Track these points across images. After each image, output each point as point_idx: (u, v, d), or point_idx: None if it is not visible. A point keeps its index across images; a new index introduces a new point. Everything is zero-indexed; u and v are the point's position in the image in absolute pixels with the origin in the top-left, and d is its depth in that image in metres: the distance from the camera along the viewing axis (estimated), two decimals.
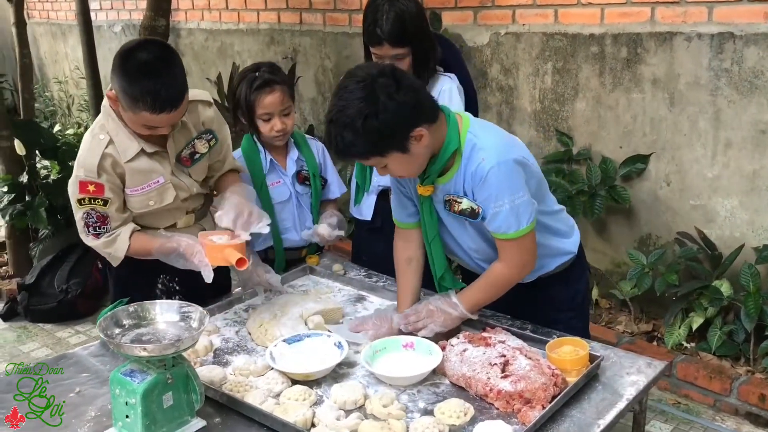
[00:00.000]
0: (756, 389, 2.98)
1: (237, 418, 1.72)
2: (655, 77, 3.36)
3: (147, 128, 2.04)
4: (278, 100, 2.43)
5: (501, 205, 1.87)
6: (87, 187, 2.05)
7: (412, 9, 2.30)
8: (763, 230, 3.20)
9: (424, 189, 1.99)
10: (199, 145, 2.23)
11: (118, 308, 1.70)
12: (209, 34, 5.80)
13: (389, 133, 1.80)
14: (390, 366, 1.88)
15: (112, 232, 2.12)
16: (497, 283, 2.00)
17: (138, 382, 1.57)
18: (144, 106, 1.94)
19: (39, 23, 8.01)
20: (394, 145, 1.83)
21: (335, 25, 4.78)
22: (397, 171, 1.92)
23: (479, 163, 1.87)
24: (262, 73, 2.44)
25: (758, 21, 3.02)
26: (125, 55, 1.97)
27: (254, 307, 2.27)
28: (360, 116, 1.77)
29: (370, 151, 1.85)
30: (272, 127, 2.45)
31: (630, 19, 3.39)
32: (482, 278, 2.02)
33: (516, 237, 1.91)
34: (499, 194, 1.87)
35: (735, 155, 3.21)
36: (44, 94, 8.06)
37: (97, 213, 2.08)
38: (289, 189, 2.55)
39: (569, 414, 1.69)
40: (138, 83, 1.93)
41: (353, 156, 1.90)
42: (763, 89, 3.07)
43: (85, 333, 4.01)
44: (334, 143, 1.83)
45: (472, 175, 1.89)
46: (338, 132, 1.80)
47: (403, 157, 1.86)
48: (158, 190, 2.15)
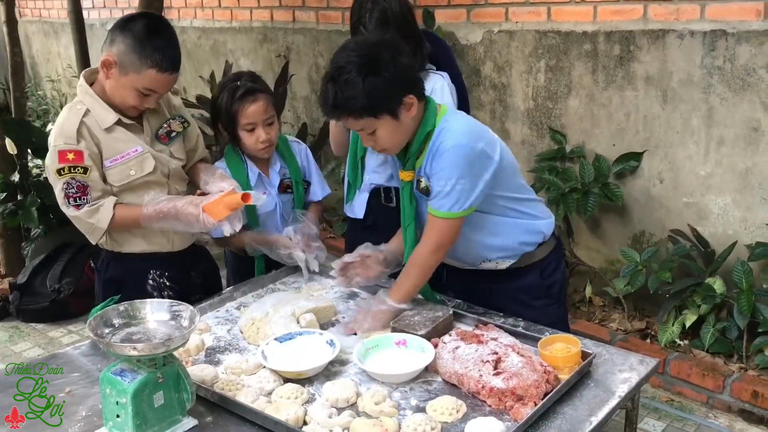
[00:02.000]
0: (749, 386, 2.98)
1: (228, 416, 1.71)
2: (648, 75, 3.37)
3: (140, 96, 2.09)
4: (261, 109, 2.39)
5: (445, 184, 1.96)
6: (66, 156, 2.07)
7: (395, 7, 2.30)
8: (756, 227, 3.20)
9: (406, 174, 2.07)
10: (174, 125, 2.30)
11: (108, 307, 1.69)
12: (202, 32, 5.79)
13: (387, 93, 1.88)
14: (382, 363, 1.88)
15: (94, 203, 2.11)
16: (416, 263, 2.06)
17: (129, 382, 1.56)
18: (152, 63, 2.02)
19: (31, 21, 7.97)
20: (388, 107, 1.90)
21: (328, 23, 4.77)
22: (384, 139, 1.97)
23: (441, 143, 1.96)
24: (243, 81, 2.41)
25: (750, 19, 3.03)
26: (127, 20, 2.08)
27: (246, 305, 2.26)
28: (362, 72, 1.85)
29: (367, 109, 1.89)
30: (257, 138, 2.40)
31: (623, 17, 3.40)
32: (405, 266, 2.10)
33: (445, 216, 1.99)
34: (451, 174, 1.95)
35: (727, 153, 3.22)
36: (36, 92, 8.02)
37: (77, 183, 2.08)
38: (274, 200, 2.52)
39: (561, 411, 1.69)
40: (149, 41, 2.02)
41: (349, 111, 1.91)
42: (755, 87, 3.07)
43: (77, 333, 4.00)
44: (332, 98, 1.89)
45: (434, 153, 1.98)
46: (338, 87, 1.87)
47: (392, 124, 1.93)
48: (137, 159, 2.17)
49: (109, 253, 2.30)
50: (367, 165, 2.59)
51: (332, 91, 1.89)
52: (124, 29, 2.05)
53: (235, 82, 2.42)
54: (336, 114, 1.96)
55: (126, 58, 2.04)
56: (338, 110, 1.92)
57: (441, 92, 2.42)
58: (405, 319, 2.03)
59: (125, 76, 2.06)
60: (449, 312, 2.08)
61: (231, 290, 2.37)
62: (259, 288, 2.40)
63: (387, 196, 2.58)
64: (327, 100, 1.92)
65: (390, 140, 1.99)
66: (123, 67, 2.05)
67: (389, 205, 2.57)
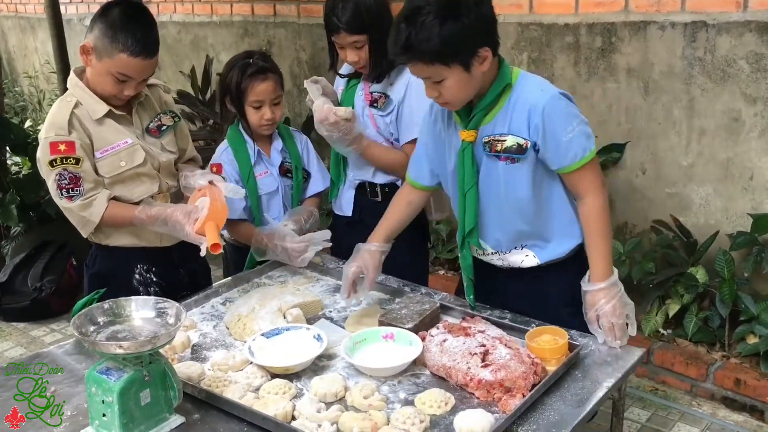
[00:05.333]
0: (731, 374, 3.02)
1: (216, 413, 1.70)
2: (630, 66, 3.38)
3: (116, 83, 2.09)
4: (271, 88, 2.43)
5: (572, 130, 1.89)
6: (58, 147, 2.07)
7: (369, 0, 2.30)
8: (737, 217, 3.24)
9: (468, 134, 1.96)
10: (165, 119, 2.31)
11: (93, 305, 1.67)
12: (182, 27, 5.73)
13: (463, 41, 1.78)
14: (370, 357, 1.87)
15: (88, 196, 2.11)
16: (600, 217, 1.96)
17: (114, 380, 1.55)
18: (123, 48, 2.03)
19: (7, 17, 7.86)
20: (461, 57, 1.80)
21: (310, 17, 4.74)
22: (450, 90, 1.87)
23: (537, 96, 1.89)
24: (255, 60, 2.44)
25: (730, 10, 3.05)
26: (106, 7, 2.09)
27: (232, 301, 2.25)
28: (440, 15, 1.74)
29: (439, 55, 1.79)
30: (262, 116, 2.44)
31: (604, 9, 3.41)
32: (588, 234, 1.98)
33: (592, 158, 1.93)
34: (567, 120, 1.89)
35: (709, 143, 3.24)
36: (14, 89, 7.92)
37: (69, 174, 2.08)
38: (276, 180, 2.54)
39: (549, 402, 1.69)
40: (121, 26, 2.04)
41: (420, 55, 1.80)
42: (736, 77, 3.10)
43: (59, 331, 3.96)
44: (403, 39, 1.78)
45: (531, 108, 1.89)
46: (411, 28, 1.76)
47: (462, 76, 1.83)
48: (127, 150, 2.17)
49: (97, 247, 2.29)
50: (350, 161, 2.58)
51: (405, 32, 1.77)
52: (101, 15, 2.08)
53: (246, 59, 2.45)
54: (405, 57, 1.84)
55: (100, 44, 2.06)
56: (408, 53, 1.80)
57: (418, 85, 2.41)
58: (392, 313, 2.03)
59: (100, 61, 2.07)
60: (436, 305, 2.08)
61: (216, 286, 2.36)
62: (245, 283, 2.39)
63: (373, 191, 2.57)
64: (398, 40, 1.80)
65: (455, 93, 1.88)
66: (98, 53, 2.07)
67: (375, 200, 2.56)
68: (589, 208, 1.97)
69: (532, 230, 2.06)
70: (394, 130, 2.46)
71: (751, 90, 3.07)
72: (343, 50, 2.38)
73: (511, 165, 1.95)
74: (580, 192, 1.98)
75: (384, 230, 2.21)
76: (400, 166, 2.43)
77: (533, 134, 1.91)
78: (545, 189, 2.01)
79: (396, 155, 2.45)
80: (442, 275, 4.06)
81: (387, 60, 2.37)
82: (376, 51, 2.35)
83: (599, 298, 1.93)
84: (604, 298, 1.93)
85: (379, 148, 2.46)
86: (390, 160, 2.47)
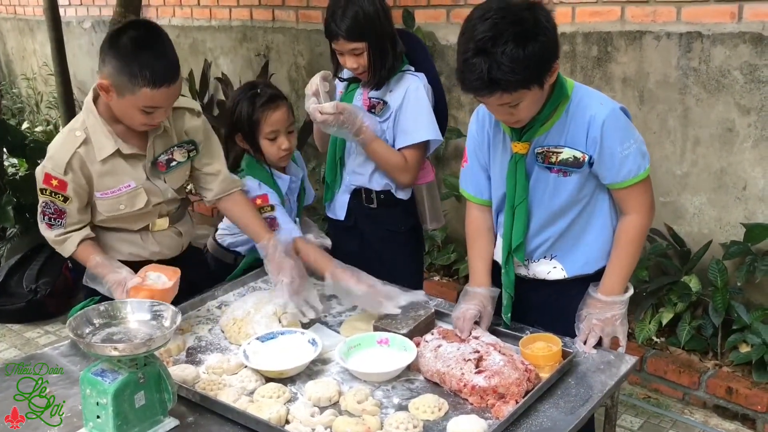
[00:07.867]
0: (723, 382, 3.03)
1: (210, 416, 1.70)
2: (626, 76, 3.40)
3: (145, 114, 1.98)
4: (284, 116, 2.38)
5: (629, 146, 1.85)
6: (51, 181, 2.04)
7: (367, 7, 2.31)
8: (731, 227, 3.26)
9: (522, 146, 1.89)
10: (177, 154, 2.18)
11: (89, 307, 1.68)
12: (181, 31, 5.75)
13: (546, 60, 1.71)
14: (364, 362, 1.88)
15: (65, 234, 2.10)
16: (636, 237, 1.93)
17: (109, 382, 1.55)
18: (143, 82, 1.90)
19: (5, 18, 7.86)
20: (541, 75, 1.72)
21: (308, 22, 4.76)
22: (525, 110, 1.79)
23: (597, 109, 1.84)
24: (263, 89, 2.37)
25: (725, 21, 3.07)
26: (115, 36, 1.96)
27: (227, 304, 2.26)
28: (520, 41, 1.64)
29: (526, 80, 1.69)
30: (279, 146, 2.38)
31: (600, 18, 3.43)
32: (617, 247, 1.94)
33: (645, 177, 1.90)
34: (626, 136, 1.86)
35: (703, 153, 3.27)
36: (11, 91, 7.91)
37: (55, 206, 2.07)
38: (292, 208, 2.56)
39: (542, 409, 1.70)
40: (135, 58, 1.91)
41: (506, 86, 1.69)
42: (730, 88, 3.13)
43: (54, 333, 3.96)
44: (486, 74, 1.66)
45: (591, 120, 1.84)
46: (491, 61, 1.64)
47: (537, 94, 1.76)
48: (129, 194, 2.12)
49: None
50: (347, 165, 2.59)
51: (485, 66, 1.65)
52: (112, 47, 1.94)
53: (252, 90, 2.37)
54: (491, 91, 1.71)
55: (118, 81, 1.93)
56: (495, 86, 1.68)
57: (416, 94, 2.42)
58: (387, 318, 2.04)
59: (123, 98, 1.96)
60: (431, 311, 2.09)
61: (212, 289, 2.36)
62: (240, 287, 2.39)
63: (368, 197, 2.57)
64: (480, 75, 1.66)
65: (530, 111, 1.81)
66: (119, 90, 1.95)
67: (370, 206, 2.57)
68: (629, 225, 1.94)
69: (566, 239, 2.01)
70: (389, 137, 2.47)
71: (745, 100, 3.09)
72: (343, 57, 2.39)
73: (563, 178, 1.91)
74: (627, 209, 1.94)
75: (485, 273, 2.06)
76: (397, 169, 2.45)
77: (590, 147, 1.86)
78: (591, 201, 1.97)
79: (397, 156, 2.46)
80: (437, 281, 4.07)
81: (386, 67, 2.39)
82: (375, 58, 2.36)
83: (599, 308, 1.94)
84: (603, 309, 1.94)
85: (383, 145, 2.44)
86: (390, 159, 2.45)
